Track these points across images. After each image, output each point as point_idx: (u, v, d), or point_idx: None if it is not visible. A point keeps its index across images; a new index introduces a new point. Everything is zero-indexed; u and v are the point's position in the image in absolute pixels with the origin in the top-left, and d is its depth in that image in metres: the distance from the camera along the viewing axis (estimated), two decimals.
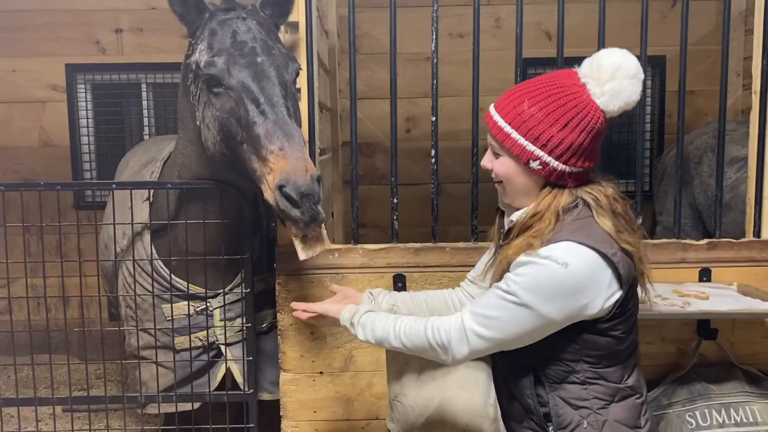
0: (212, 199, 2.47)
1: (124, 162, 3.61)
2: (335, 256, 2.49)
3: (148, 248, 2.62)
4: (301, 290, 2.48)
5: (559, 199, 1.80)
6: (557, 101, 1.76)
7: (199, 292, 2.60)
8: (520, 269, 1.74)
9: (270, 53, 2.19)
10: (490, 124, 1.84)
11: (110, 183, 2.53)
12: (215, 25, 2.23)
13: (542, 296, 1.69)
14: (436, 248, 2.48)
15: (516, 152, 1.78)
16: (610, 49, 1.77)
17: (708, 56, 4.88)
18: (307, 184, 1.96)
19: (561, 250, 1.70)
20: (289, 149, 2.02)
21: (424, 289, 2.48)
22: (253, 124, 2.08)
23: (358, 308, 2.00)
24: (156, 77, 5.03)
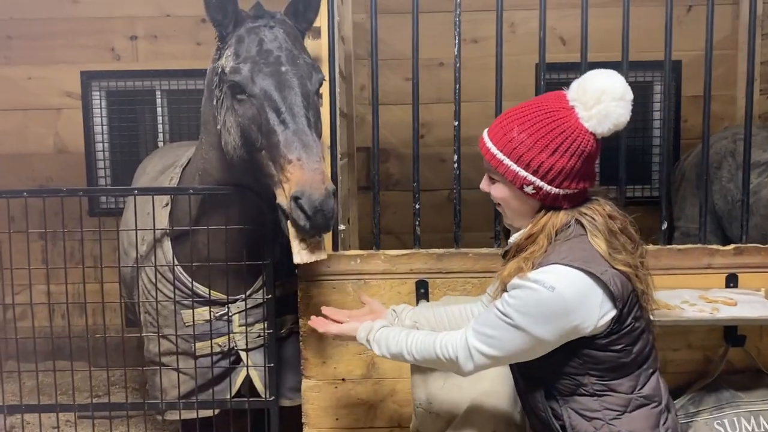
0: (233, 204, 2.45)
1: (141, 169, 3.60)
2: (357, 262, 2.46)
3: (168, 254, 2.60)
4: (322, 296, 2.46)
5: (554, 220, 1.81)
6: (545, 127, 1.75)
7: (220, 298, 2.58)
8: (513, 292, 1.76)
9: (294, 63, 2.20)
10: (483, 150, 1.85)
11: (132, 189, 2.51)
12: (243, 32, 2.23)
13: (533, 319, 1.71)
14: (459, 254, 2.45)
15: (509, 178, 1.79)
16: (596, 71, 1.77)
17: (724, 61, 4.84)
18: (321, 199, 1.98)
19: (549, 274, 1.71)
20: (307, 160, 2.03)
21: (446, 293, 2.45)
22: (272, 132, 2.10)
23: (373, 325, 2.01)
24: (170, 84, 5.03)
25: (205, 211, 2.51)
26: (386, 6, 4.60)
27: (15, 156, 4.96)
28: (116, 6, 4.89)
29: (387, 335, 1.96)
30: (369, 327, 2.00)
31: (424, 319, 2.15)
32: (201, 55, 4.95)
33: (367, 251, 2.48)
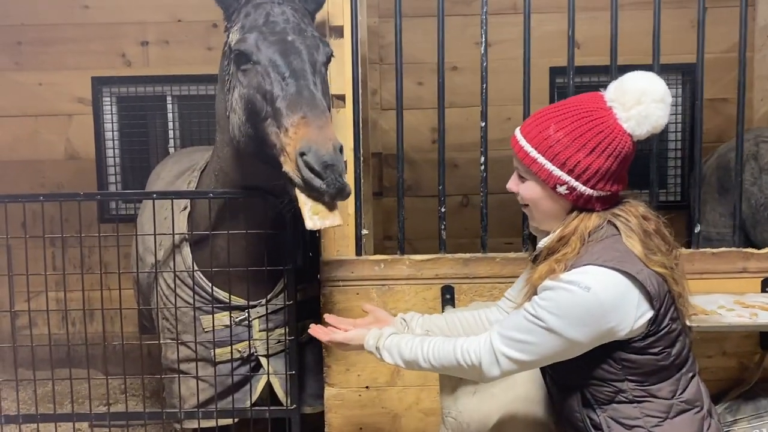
0: (253, 207, 2.38)
1: (155, 174, 3.53)
2: (381, 267, 2.39)
3: (188, 259, 2.53)
4: (346, 302, 2.39)
5: (587, 222, 1.75)
6: (584, 126, 1.71)
7: (240, 303, 2.51)
8: (545, 293, 1.70)
9: (302, 34, 2.14)
10: (516, 148, 1.79)
11: (150, 192, 2.44)
12: (250, 8, 2.19)
13: (568, 321, 1.65)
14: (486, 259, 2.38)
15: (543, 177, 1.74)
16: (636, 72, 1.73)
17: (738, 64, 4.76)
18: (330, 154, 1.86)
19: (584, 274, 1.65)
20: (312, 117, 1.92)
21: (473, 299, 2.37)
22: (277, 97, 2.01)
23: (382, 332, 1.94)
24: (181, 89, 4.96)
25: (224, 215, 2.44)
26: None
27: (26, 162, 4.89)
28: (127, 11, 4.83)
29: (399, 342, 1.89)
30: (378, 334, 1.93)
31: (436, 327, 2.09)
32: (212, 61, 4.87)
33: (392, 256, 2.40)
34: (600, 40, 4.36)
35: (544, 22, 4.79)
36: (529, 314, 1.70)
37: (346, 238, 2.39)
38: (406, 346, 1.87)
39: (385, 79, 5.00)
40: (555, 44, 4.42)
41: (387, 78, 4.99)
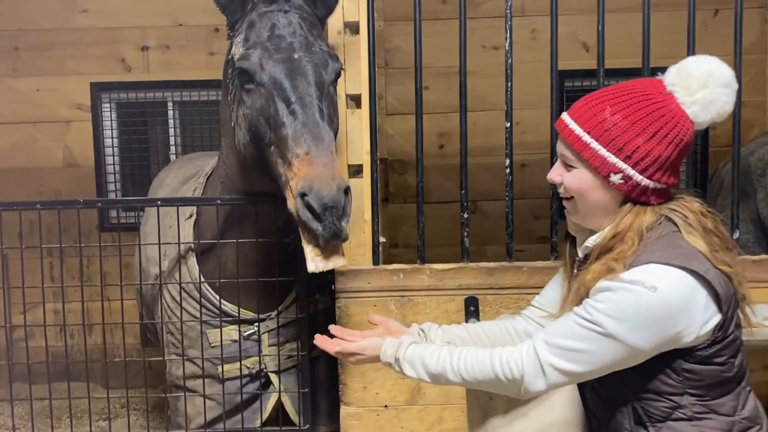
0: (262, 215, 2.22)
1: (158, 181, 3.37)
2: (400, 278, 2.22)
3: (194, 270, 2.37)
4: (362, 314, 2.22)
5: (642, 218, 1.60)
6: (644, 109, 1.56)
7: (249, 316, 2.35)
8: (601, 295, 1.53)
9: (309, 50, 1.97)
10: (565, 132, 1.63)
11: (155, 200, 2.27)
12: (254, 17, 2.02)
13: (630, 325, 1.48)
14: (513, 268, 2.22)
15: (595, 164, 1.58)
16: (699, 56, 1.62)
17: (753, 66, 4.64)
18: (331, 195, 1.72)
19: (648, 273, 1.49)
20: (316, 153, 1.78)
21: (498, 312, 2.21)
22: (281, 124, 1.86)
23: (401, 341, 1.76)
24: (183, 95, 4.80)
25: (232, 223, 2.28)
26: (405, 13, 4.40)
27: (23, 170, 4.71)
28: (127, 16, 4.67)
29: (422, 353, 1.71)
30: (396, 343, 1.76)
31: (458, 338, 1.91)
32: (214, 66, 4.73)
33: (411, 265, 2.24)
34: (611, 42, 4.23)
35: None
36: (583, 319, 1.54)
37: (362, 246, 2.22)
38: (431, 357, 1.70)
39: (390, 84, 4.85)
40: (563, 47, 4.29)
41: (392, 82, 4.84)
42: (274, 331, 2.38)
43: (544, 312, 1.90)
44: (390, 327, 1.94)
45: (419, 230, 2.29)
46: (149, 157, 4.83)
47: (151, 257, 2.61)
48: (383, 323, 1.96)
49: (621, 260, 1.55)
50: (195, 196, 2.45)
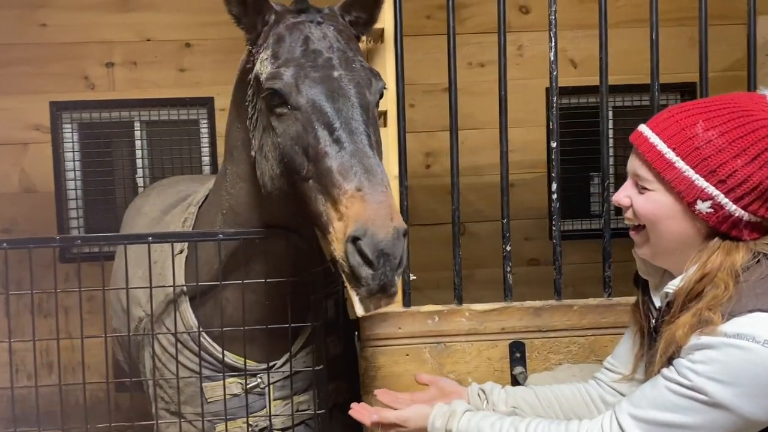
0: (271, 250, 1.86)
1: (134, 209, 2.95)
2: (435, 321, 1.88)
3: (188, 317, 1.97)
4: (393, 366, 1.87)
5: (735, 256, 1.30)
6: (744, 126, 1.28)
7: (254, 368, 1.97)
8: (699, 354, 1.23)
9: (350, 67, 1.61)
10: (645, 147, 1.34)
11: (145, 235, 1.88)
12: (283, 29, 1.65)
13: (742, 391, 1.19)
14: (562, 307, 1.89)
15: (680, 188, 1.30)
16: None
17: (740, 82, 4.47)
18: (388, 240, 1.38)
19: (757, 324, 1.20)
20: (370, 190, 1.43)
21: (547, 358, 1.89)
22: (323, 155, 1.50)
23: (453, 409, 1.46)
24: (151, 114, 4.38)
25: (236, 261, 1.90)
26: None
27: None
28: (90, 30, 4.24)
29: (480, 424, 1.42)
30: (447, 412, 1.46)
31: (525, 403, 1.60)
32: (185, 83, 4.36)
33: (448, 306, 1.90)
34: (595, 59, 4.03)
35: (540, 41, 4.41)
36: (679, 385, 1.24)
37: None
38: (491, 428, 1.40)
39: None
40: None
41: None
42: (283, 381, 2.01)
43: (616, 374, 1.59)
44: (443, 387, 1.63)
45: (455, 265, 1.94)
46: (114, 182, 4.40)
47: (134, 297, 2.21)
48: (435, 383, 1.65)
49: (716, 308, 1.25)
50: (189, 230, 2.06)
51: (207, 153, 4.44)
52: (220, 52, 4.32)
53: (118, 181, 4.40)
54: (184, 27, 4.31)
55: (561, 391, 1.61)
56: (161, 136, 4.40)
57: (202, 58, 4.34)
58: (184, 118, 4.41)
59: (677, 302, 1.34)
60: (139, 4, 4.27)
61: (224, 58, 4.34)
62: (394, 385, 1.85)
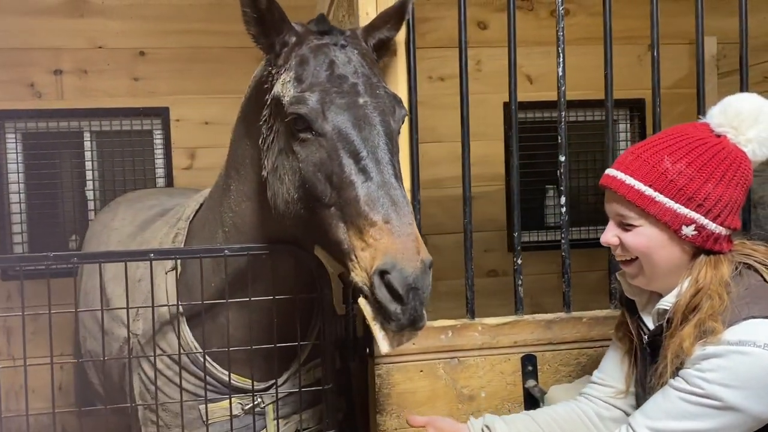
0: (276, 266, 1.79)
1: (100, 224, 2.78)
2: (448, 336, 1.84)
3: (187, 337, 1.87)
4: (407, 382, 1.81)
5: (721, 269, 1.41)
6: (704, 154, 1.41)
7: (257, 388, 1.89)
8: (707, 363, 1.31)
9: (375, 93, 1.57)
10: (623, 189, 1.43)
11: (147, 251, 1.76)
12: (306, 51, 1.59)
13: (751, 393, 1.28)
14: (572, 319, 1.89)
15: (665, 219, 1.40)
16: (738, 94, 1.50)
17: (684, 100, 4.65)
18: (416, 275, 1.35)
19: (754, 331, 1.30)
20: (397, 223, 1.40)
21: (558, 371, 1.88)
22: (349, 183, 1.46)
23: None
24: (102, 125, 4.18)
25: (240, 278, 1.82)
26: None
27: None
28: (37, 36, 4.01)
29: None
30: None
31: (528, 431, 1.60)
32: (139, 92, 4.18)
33: (461, 320, 1.86)
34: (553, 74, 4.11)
35: (497, 57, 4.46)
36: (692, 394, 1.31)
37: None
38: None
39: None
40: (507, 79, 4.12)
41: None
42: (280, 402, 1.92)
43: (608, 388, 1.63)
44: (439, 425, 1.61)
45: (468, 279, 1.91)
46: (61, 195, 4.15)
47: (115, 316, 2.08)
48: (431, 423, 1.62)
49: (717, 318, 1.34)
50: (188, 247, 1.95)
51: (161, 165, 4.27)
52: (177, 61, 4.18)
53: (66, 194, 4.17)
54: (139, 34, 4.14)
55: (557, 413, 1.63)
56: (113, 147, 4.20)
57: (157, 67, 4.17)
58: (138, 129, 4.23)
59: (677, 317, 1.41)
60: (91, 10, 4.07)
61: (181, 67, 4.20)
62: (409, 401, 1.80)
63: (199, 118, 4.24)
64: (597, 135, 4.83)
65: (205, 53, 4.21)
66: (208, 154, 4.27)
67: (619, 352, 1.63)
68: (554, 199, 4.78)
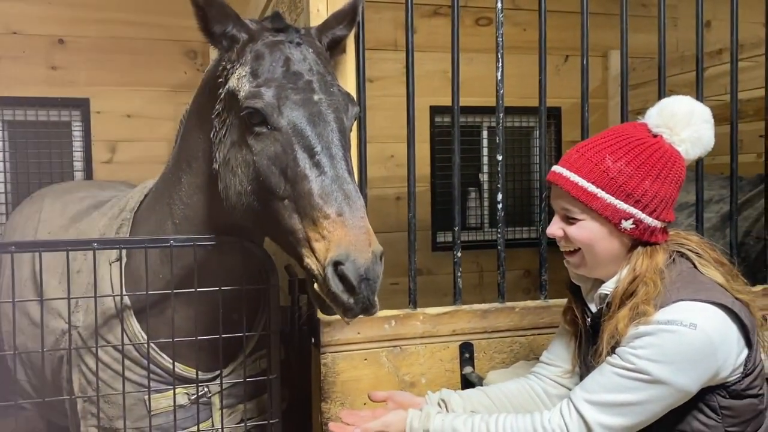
0: (225, 256, 1.83)
1: (24, 217, 2.70)
2: (392, 325, 1.93)
3: (134, 328, 1.88)
4: (352, 370, 1.89)
5: (657, 258, 1.56)
6: (642, 153, 1.55)
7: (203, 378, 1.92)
8: (639, 341, 1.45)
9: (329, 91, 1.64)
10: (568, 186, 1.55)
11: (91, 240, 1.75)
12: (262, 47, 1.64)
13: (677, 367, 1.42)
14: (505, 309, 2.03)
15: (606, 214, 1.53)
16: (674, 96, 1.62)
17: (597, 109, 4.98)
18: (368, 265, 1.44)
19: (682, 311, 1.44)
20: (350, 216, 1.48)
21: (493, 358, 2.02)
22: (303, 177, 1.53)
23: (427, 412, 1.59)
24: (16, 114, 4.03)
25: (187, 271, 1.84)
26: None
27: None
28: None
29: (453, 423, 1.55)
30: (423, 414, 1.59)
31: (481, 405, 1.73)
32: (57, 82, 4.06)
33: (404, 311, 1.96)
34: (475, 81, 4.30)
35: (424, 61, 4.62)
36: (625, 369, 1.45)
37: None
38: (464, 427, 1.54)
39: None
40: (434, 83, 4.28)
41: None
42: (226, 392, 1.96)
43: (556, 367, 1.77)
44: (401, 400, 1.70)
45: (411, 271, 2.02)
46: None
47: (51, 308, 2.05)
48: (391, 397, 1.72)
49: (650, 302, 1.48)
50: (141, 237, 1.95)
51: (80, 158, 4.16)
52: (98, 51, 4.09)
53: None
54: (58, 21, 4.02)
55: (508, 389, 1.75)
56: (27, 138, 4.06)
57: (77, 56, 4.07)
58: (55, 120, 4.10)
59: (615, 302, 1.55)
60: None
61: (102, 57, 4.11)
62: (354, 389, 1.88)
63: (121, 111, 4.17)
64: (516, 140, 5.13)
65: (129, 44, 4.14)
66: (130, 147, 4.20)
67: (566, 335, 1.76)
68: (476, 201, 4.98)
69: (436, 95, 4.27)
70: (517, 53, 3.85)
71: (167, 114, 4.19)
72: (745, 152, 3.73)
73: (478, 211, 4.96)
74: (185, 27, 4.67)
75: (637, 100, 4.30)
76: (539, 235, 2.14)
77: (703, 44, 2.31)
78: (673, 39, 4.90)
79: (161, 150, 4.17)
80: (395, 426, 1.59)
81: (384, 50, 4.63)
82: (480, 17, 4.86)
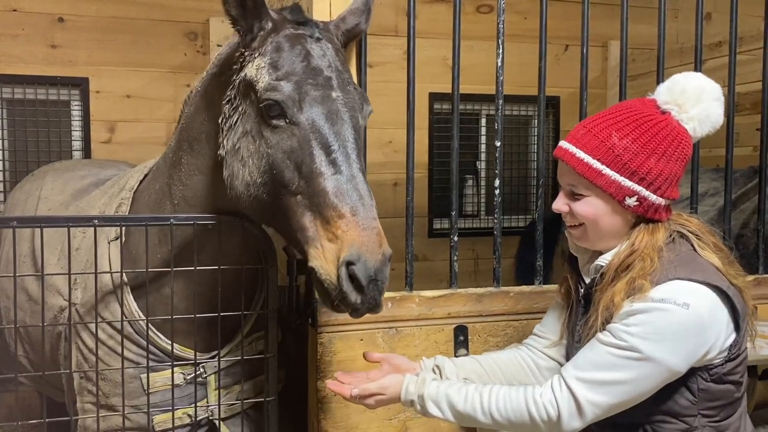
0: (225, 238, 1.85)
1: (25, 193, 2.72)
2: (388, 307, 1.96)
3: (131, 306, 1.90)
4: (348, 350, 1.93)
5: (657, 235, 1.57)
6: (649, 131, 1.54)
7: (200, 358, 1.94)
8: (632, 318, 1.46)
9: (345, 89, 1.65)
10: (573, 162, 1.56)
11: (92, 217, 1.77)
12: (282, 39, 1.64)
13: (668, 345, 1.44)
14: (500, 293, 2.06)
15: (611, 190, 1.54)
16: (686, 72, 1.60)
17: (595, 99, 4.99)
18: (377, 266, 1.47)
19: (676, 290, 1.46)
20: (363, 216, 1.50)
21: (486, 341, 2.05)
22: (318, 174, 1.54)
23: (424, 377, 1.60)
24: (15, 92, 4.02)
25: (185, 250, 1.86)
26: None
27: None
28: None
29: (447, 391, 1.56)
30: (419, 379, 1.60)
31: (474, 374, 1.75)
32: (57, 60, 4.05)
33: (400, 293, 1.99)
34: (475, 68, 4.31)
35: (424, 47, 4.62)
36: (616, 347, 1.47)
37: None
38: (458, 395, 1.55)
39: None
40: (433, 70, 4.29)
41: None
42: (222, 372, 1.99)
43: (546, 340, 1.80)
44: (396, 363, 1.73)
45: (408, 255, 2.05)
46: None
47: (50, 284, 2.07)
48: (387, 360, 1.74)
49: (646, 277, 1.50)
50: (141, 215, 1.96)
51: (78, 137, 4.16)
52: (98, 30, 4.08)
53: None
54: None
55: (500, 358, 1.79)
56: (26, 116, 4.05)
57: (77, 35, 4.06)
58: (54, 99, 4.10)
59: (609, 273, 1.57)
60: None
61: (102, 36, 4.10)
62: (349, 368, 1.91)
63: (121, 91, 4.17)
64: (514, 129, 5.14)
65: (129, 24, 4.13)
66: (129, 128, 4.20)
67: (559, 309, 1.79)
68: (473, 188, 5.00)
69: (436, 82, 4.28)
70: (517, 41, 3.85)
71: (167, 95, 4.19)
72: (741, 145, 3.74)
73: (474, 198, 4.98)
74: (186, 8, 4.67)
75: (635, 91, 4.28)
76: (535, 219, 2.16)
77: (702, 36, 2.32)
78: (673, 30, 4.91)
79: (160, 131, 4.18)
80: (392, 389, 1.60)
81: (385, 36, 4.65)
82: (481, 4, 4.85)
